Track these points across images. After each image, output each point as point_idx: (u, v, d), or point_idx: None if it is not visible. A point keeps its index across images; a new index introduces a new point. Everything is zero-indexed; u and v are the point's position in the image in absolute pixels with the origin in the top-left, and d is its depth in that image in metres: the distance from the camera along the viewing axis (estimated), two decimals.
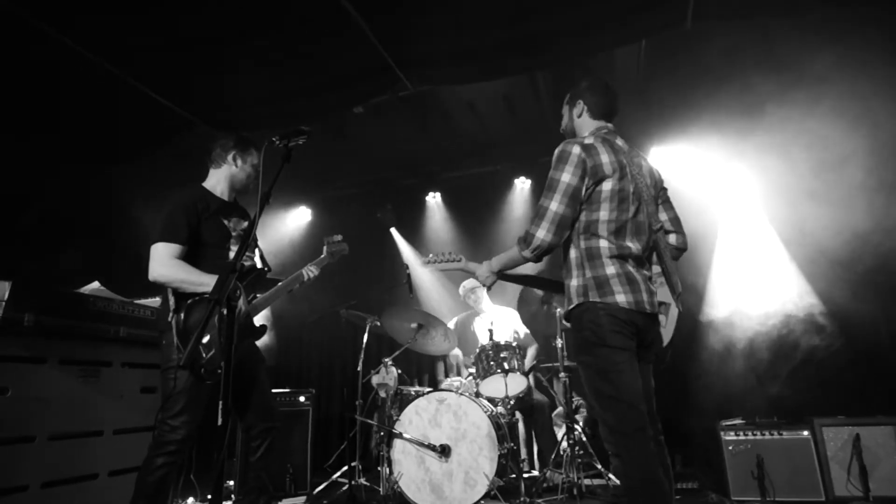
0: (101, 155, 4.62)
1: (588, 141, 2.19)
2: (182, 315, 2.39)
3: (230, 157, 2.74)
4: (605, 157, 2.14)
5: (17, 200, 4.25)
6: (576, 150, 2.14)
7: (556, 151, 2.18)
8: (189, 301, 2.41)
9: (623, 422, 1.98)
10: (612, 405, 2.01)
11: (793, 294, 4.33)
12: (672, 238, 2.38)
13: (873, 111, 3.75)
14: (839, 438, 3.56)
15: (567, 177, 2.11)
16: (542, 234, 2.12)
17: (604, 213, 2.12)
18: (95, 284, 3.28)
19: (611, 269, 2.10)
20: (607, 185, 2.12)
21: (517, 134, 5.35)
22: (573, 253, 2.18)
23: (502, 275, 2.43)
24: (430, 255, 2.72)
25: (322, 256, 2.98)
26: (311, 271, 2.86)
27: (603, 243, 2.12)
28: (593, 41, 3.75)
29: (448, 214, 6.19)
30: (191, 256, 2.50)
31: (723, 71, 4.11)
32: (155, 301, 3.18)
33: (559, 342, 3.87)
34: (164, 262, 2.43)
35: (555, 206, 2.11)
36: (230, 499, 3.73)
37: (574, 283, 2.16)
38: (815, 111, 3.90)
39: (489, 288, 2.49)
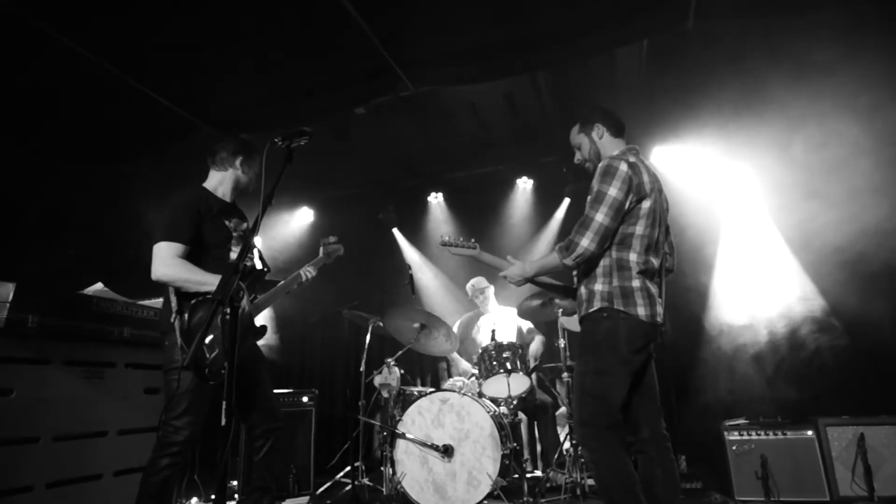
0: (102, 156, 4.62)
1: (632, 159, 2.30)
2: (186, 315, 2.39)
3: (237, 162, 2.75)
4: (646, 177, 2.27)
5: (17, 201, 4.26)
6: (623, 167, 2.24)
7: (603, 165, 2.28)
8: (193, 301, 2.41)
9: (597, 418, 2.14)
10: (594, 404, 2.16)
11: (797, 293, 4.31)
12: (669, 258, 2.51)
13: (878, 108, 3.75)
14: (844, 438, 3.54)
15: (615, 191, 2.21)
16: (587, 243, 2.21)
17: (640, 229, 2.24)
18: (98, 286, 3.29)
19: (636, 282, 2.21)
20: (646, 204, 2.25)
21: (519, 134, 5.34)
22: (603, 261, 2.27)
23: (530, 279, 2.52)
24: (447, 237, 2.78)
25: (318, 257, 3.01)
26: (308, 272, 2.90)
27: (633, 257, 2.23)
28: (595, 41, 3.74)
29: (450, 215, 6.18)
30: (192, 256, 2.50)
31: (725, 69, 4.10)
32: (158, 302, 3.19)
33: (561, 342, 3.87)
34: (167, 261, 2.43)
35: (601, 217, 2.21)
36: (234, 499, 3.74)
37: (599, 287, 2.25)
38: (819, 108, 3.89)
39: (518, 285, 2.55)
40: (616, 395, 2.15)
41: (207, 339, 2.33)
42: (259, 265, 2.67)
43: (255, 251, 2.71)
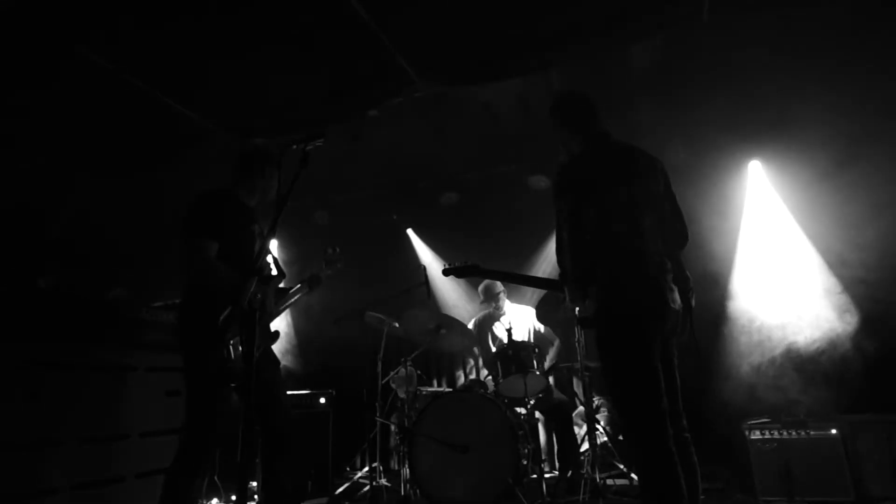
0: (120, 165, 4.70)
1: (581, 157, 2.28)
2: (220, 318, 2.40)
3: (262, 170, 2.79)
4: (602, 168, 2.23)
5: (41, 213, 4.36)
6: (571, 172, 2.24)
7: (554, 181, 2.28)
8: (221, 304, 2.43)
9: (643, 419, 2.04)
10: (637, 405, 2.06)
11: (820, 289, 4.23)
12: (673, 228, 2.38)
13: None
14: (870, 437, 3.46)
15: (565, 204, 2.19)
16: (566, 262, 2.20)
17: (616, 217, 2.18)
18: (120, 291, 3.34)
19: (631, 268, 2.14)
20: (611, 193, 2.19)
21: (532, 133, 5.31)
22: (592, 256, 2.21)
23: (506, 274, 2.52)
24: (447, 265, 2.85)
25: (323, 267, 3.08)
26: (315, 281, 2.97)
27: (621, 244, 2.17)
28: (609, 37, 3.71)
29: (464, 215, 6.17)
30: (223, 257, 2.50)
31: (740, 64, 4.04)
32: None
33: (581, 340, 3.84)
34: (202, 258, 2.44)
35: (565, 235, 2.20)
36: (253, 500, 3.77)
37: (596, 285, 2.19)
38: (841, 104, 3.83)
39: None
40: (655, 388, 2.05)
41: (232, 342, 2.36)
42: (274, 272, 2.71)
43: (270, 258, 2.74)
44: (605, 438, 3.99)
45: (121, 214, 4.78)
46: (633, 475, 3.79)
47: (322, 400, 4.48)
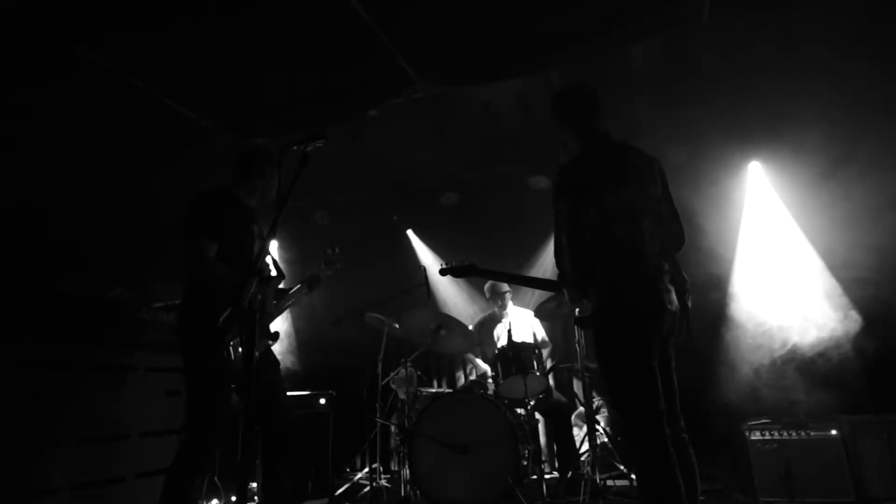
0: (121, 165, 4.70)
1: (581, 158, 2.27)
2: (220, 319, 2.40)
3: (262, 170, 2.77)
4: (602, 169, 2.23)
5: (41, 213, 4.35)
6: (571, 172, 2.24)
7: (553, 182, 2.29)
8: (224, 304, 2.43)
9: (640, 419, 2.05)
10: (634, 406, 2.08)
11: (819, 290, 4.23)
12: (670, 229, 2.37)
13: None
14: (870, 437, 3.46)
15: (563, 205, 2.20)
16: (566, 264, 2.21)
17: (616, 217, 2.17)
18: (120, 291, 3.34)
19: (630, 269, 2.15)
20: (611, 194, 2.19)
21: (532, 133, 5.31)
22: (592, 257, 2.21)
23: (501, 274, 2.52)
24: (443, 264, 2.86)
25: (321, 269, 3.06)
26: (315, 281, 2.97)
27: (621, 245, 2.17)
28: (609, 37, 3.71)
29: (464, 215, 6.17)
30: (222, 257, 2.50)
31: (740, 64, 4.04)
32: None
33: (581, 341, 3.84)
34: (202, 259, 2.44)
35: (563, 237, 2.21)
36: (253, 500, 3.77)
37: (595, 286, 2.19)
38: (841, 103, 3.82)
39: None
40: (653, 388, 2.06)
41: (231, 343, 2.35)
42: (274, 272, 2.71)
43: (270, 258, 2.74)
44: (605, 439, 3.99)
45: (121, 214, 4.77)
46: (632, 476, 3.80)
47: (322, 400, 4.47)
